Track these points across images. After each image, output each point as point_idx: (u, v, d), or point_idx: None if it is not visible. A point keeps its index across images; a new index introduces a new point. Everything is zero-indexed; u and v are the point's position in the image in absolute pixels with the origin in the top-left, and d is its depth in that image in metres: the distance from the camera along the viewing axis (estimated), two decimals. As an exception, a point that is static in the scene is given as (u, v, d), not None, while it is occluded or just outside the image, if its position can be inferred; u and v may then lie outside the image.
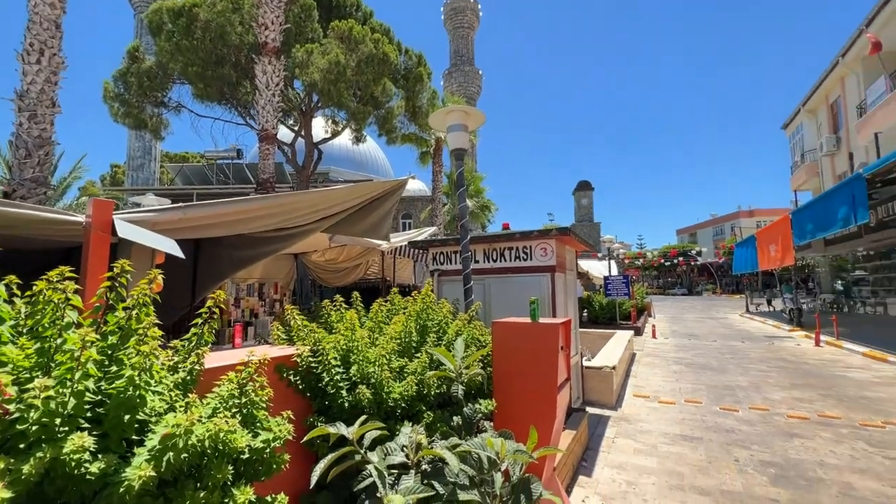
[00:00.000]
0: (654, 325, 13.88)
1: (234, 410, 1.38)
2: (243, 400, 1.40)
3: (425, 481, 1.80)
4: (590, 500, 3.32)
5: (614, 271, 17.06)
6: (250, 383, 1.44)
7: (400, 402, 2.28)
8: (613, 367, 5.91)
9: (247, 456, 1.33)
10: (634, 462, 4.00)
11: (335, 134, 20.30)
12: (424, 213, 28.57)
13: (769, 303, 24.27)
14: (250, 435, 1.35)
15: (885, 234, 14.57)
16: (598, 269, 21.80)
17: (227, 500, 1.23)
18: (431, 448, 1.78)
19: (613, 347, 7.64)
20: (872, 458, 4.00)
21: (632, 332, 10.50)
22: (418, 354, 2.57)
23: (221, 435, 1.19)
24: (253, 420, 1.42)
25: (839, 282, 21.26)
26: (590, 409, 5.68)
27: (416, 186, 41.45)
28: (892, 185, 11.34)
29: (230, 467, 1.25)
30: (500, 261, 5.21)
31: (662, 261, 46.05)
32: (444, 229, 22.70)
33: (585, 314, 15.05)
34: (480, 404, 2.64)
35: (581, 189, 73.13)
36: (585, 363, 6.14)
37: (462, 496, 1.60)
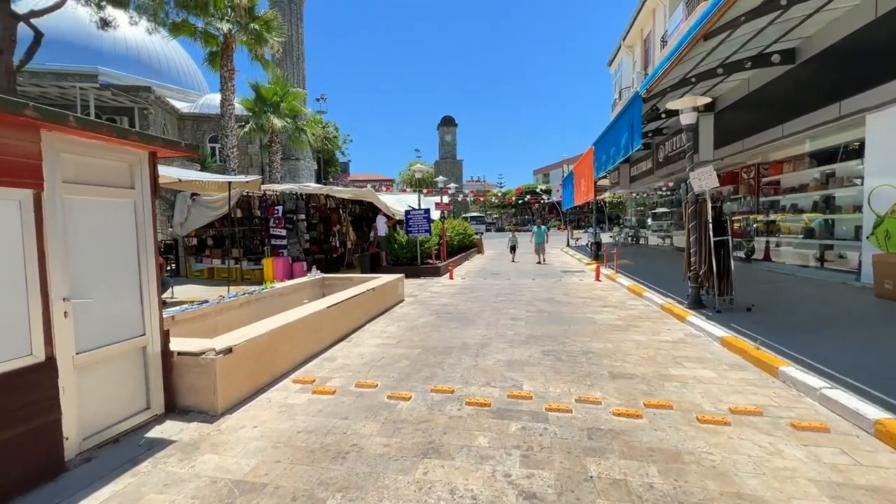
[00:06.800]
0: (451, 266, 12.53)
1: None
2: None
3: None
4: None
5: (428, 205, 15.26)
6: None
7: None
8: (227, 350, 3.59)
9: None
10: None
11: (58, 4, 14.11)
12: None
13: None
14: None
15: (671, 169, 15.15)
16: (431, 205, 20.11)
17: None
18: None
19: (299, 309, 5.36)
20: (505, 495, 2.33)
21: (401, 276, 8.66)
22: None
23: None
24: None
25: (636, 217, 23.16)
26: (165, 425, 3.34)
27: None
28: (675, 115, 10.95)
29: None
30: None
31: (513, 199, 47.66)
32: (237, 153, 18.31)
33: (386, 255, 13.13)
34: None
35: (445, 125, 71.50)
36: (193, 348, 3.69)
37: None
